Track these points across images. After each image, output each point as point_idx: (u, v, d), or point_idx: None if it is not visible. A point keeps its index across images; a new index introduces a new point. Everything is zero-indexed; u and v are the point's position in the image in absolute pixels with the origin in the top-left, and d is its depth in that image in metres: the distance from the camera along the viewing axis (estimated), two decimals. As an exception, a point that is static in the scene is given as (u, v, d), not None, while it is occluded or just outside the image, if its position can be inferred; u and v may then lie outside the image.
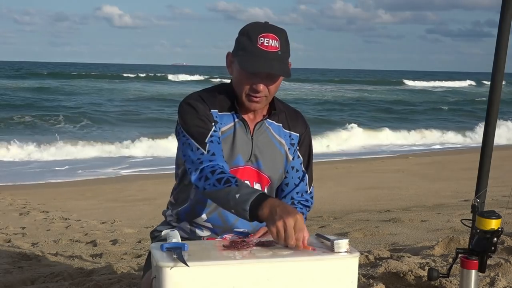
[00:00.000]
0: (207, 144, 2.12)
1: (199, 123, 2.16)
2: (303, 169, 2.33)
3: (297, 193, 2.32)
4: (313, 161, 2.40)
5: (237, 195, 1.94)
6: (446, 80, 67.71)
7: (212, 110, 2.21)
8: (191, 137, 2.15)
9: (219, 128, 2.19)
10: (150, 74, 58.43)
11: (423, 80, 65.03)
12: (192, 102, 2.20)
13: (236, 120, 2.23)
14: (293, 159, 2.31)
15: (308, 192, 2.35)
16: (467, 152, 14.56)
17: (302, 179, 2.33)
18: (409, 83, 61.01)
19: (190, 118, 2.17)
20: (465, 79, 68.70)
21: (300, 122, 2.34)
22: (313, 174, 2.40)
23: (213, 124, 2.17)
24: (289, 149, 2.30)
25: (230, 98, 2.24)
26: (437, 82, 63.37)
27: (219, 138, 2.17)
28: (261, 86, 2.14)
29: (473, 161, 3.03)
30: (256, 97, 2.16)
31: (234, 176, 2.03)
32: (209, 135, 2.14)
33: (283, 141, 2.29)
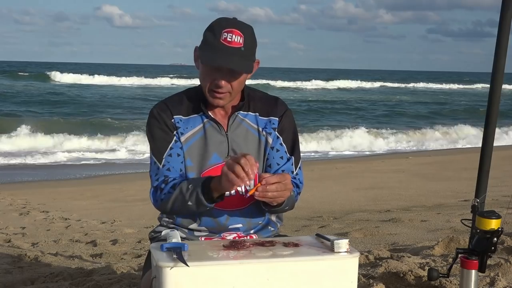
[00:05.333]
0: (164, 159, 2.20)
1: (160, 136, 2.22)
2: (288, 155, 2.28)
3: (282, 171, 2.26)
4: (313, 160, 2.39)
5: (190, 185, 2.08)
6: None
7: (175, 116, 2.23)
8: (152, 151, 2.24)
9: (182, 134, 2.21)
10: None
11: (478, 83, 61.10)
12: (155, 112, 2.25)
13: (205, 120, 2.23)
14: (272, 140, 2.27)
15: (295, 173, 2.29)
16: (467, 152, 14.55)
17: (287, 160, 2.28)
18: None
19: (153, 132, 2.25)
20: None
21: (278, 106, 2.31)
22: (300, 157, 2.35)
23: (174, 133, 2.21)
24: (270, 133, 2.27)
25: (197, 100, 2.25)
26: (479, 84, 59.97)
27: (180, 148, 2.21)
28: (223, 82, 2.14)
29: (473, 161, 3.03)
30: (218, 92, 2.16)
31: (185, 179, 2.15)
32: (168, 148, 2.20)
33: (262, 129, 2.27)
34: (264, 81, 46.61)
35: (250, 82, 2.60)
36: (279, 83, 50.15)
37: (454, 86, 60.04)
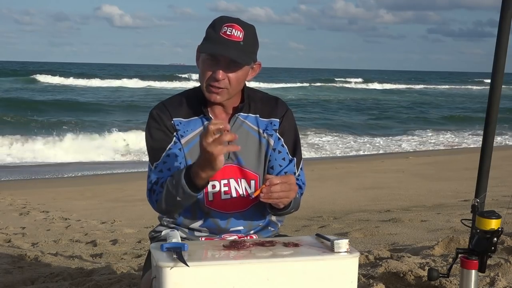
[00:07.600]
0: (160, 161, 2.18)
1: (159, 137, 2.20)
2: (290, 156, 2.27)
3: (285, 172, 2.25)
4: (313, 160, 2.38)
5: (174, 181, 2.05)
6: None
7: (175, 119, 2.21)
8: (148, 153, 2.23)
9: (183, 136, 2.20)
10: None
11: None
12: (155, 114, 2.23)
13: (206, 123, 2.21)
14: (274, 142, 2.26)
15: (297, 174, 2.28)
16: (467, 152, 14.55)
17: (290, 161, 2.27)
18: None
19: (152, 133, 2.23)
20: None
21: (279, 107, 2.30)
22: (301, 158, 2.34)
23: (174, 135, 2.20)
24: (272, 135, 2.26)
25: (198, 102, 2.23)
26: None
27: (180, 149, 2.19)
28: (220, 73, 2.11)
29: (473, 161, 3.03)
30: (215, 86, 2.14)
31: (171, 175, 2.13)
32: (166, 149, 2.18)
33: (262, 131, 2.25)
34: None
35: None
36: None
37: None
